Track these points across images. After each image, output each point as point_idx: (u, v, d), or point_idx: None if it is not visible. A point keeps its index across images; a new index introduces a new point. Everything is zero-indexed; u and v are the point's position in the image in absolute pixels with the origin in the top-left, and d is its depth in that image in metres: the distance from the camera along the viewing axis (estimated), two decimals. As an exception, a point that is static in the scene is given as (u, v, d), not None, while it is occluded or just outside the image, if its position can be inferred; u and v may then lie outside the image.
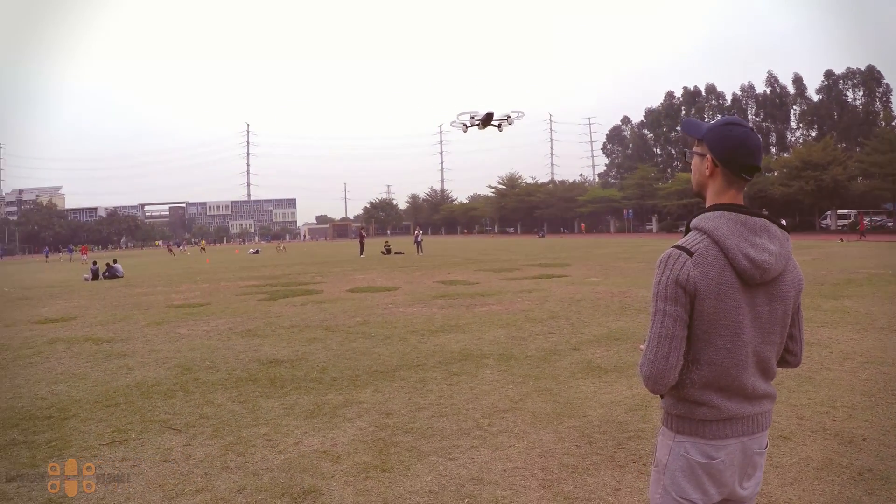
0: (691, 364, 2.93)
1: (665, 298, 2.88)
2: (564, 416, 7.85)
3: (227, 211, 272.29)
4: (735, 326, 2.87)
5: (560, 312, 15.91)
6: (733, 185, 3.01)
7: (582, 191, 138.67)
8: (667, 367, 2.87)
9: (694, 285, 2.83)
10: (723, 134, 3.00)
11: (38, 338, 16.77)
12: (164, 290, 29.69)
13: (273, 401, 9.37)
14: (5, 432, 8.66)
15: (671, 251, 2.95)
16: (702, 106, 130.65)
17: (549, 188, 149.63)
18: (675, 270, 2.88)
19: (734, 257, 2.83)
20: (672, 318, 2.86)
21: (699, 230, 2.96)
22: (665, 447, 3.05)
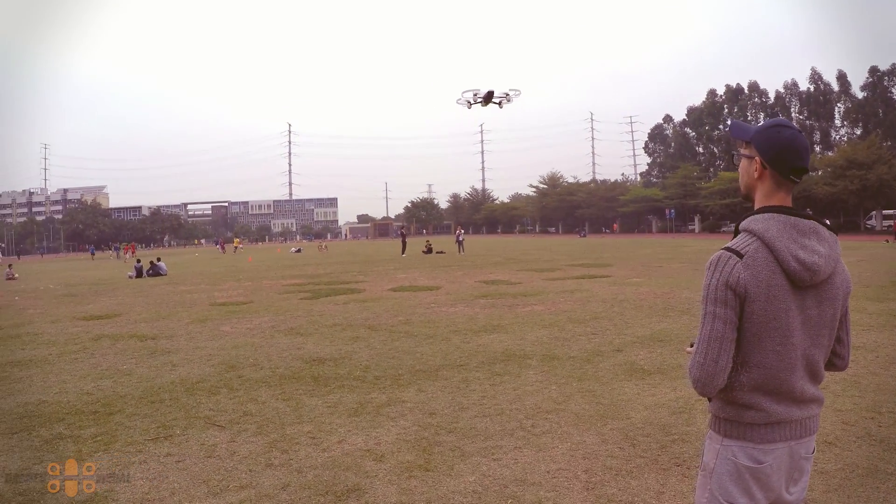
0: (740, 367, 2.91)
1: (715, 301, 2.87)
2: (608, 418, 7.82)
3: (269, 210, 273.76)
4: (784, 329, 2.86)
5: (603, 313, 15.86)
6: (782, 187, 3.00)
7: (623, 190, 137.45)
8: (716, 370, 2.85)
9: (744, 287, 2.82)
10: (771, 136, 2.99)
11: (83, 334, 16.99)
12: (207, 289, 29.93)
13: (316, 399, 9.43)
14: (52, 426, 8.81)
15: (721, 253, 2.93)
16: (744, 104, 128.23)
17: (591, 187, 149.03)
18: (726, 273, 2.86)
19: (784, 259, 2.82)
20: (722, 321, 2.85)
21: (749, 232, 2.95)
22: (712, 451, 3.03)
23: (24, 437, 8.48)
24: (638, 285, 21.94)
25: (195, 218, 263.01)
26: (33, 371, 12.62)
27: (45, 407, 9.85)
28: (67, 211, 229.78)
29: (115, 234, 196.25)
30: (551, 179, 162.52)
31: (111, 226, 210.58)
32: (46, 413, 9.51)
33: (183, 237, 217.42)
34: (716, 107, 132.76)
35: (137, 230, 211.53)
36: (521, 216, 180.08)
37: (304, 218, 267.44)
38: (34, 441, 8.26)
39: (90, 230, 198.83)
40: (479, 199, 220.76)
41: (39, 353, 14.56)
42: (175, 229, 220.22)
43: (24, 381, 11.76)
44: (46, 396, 10.53)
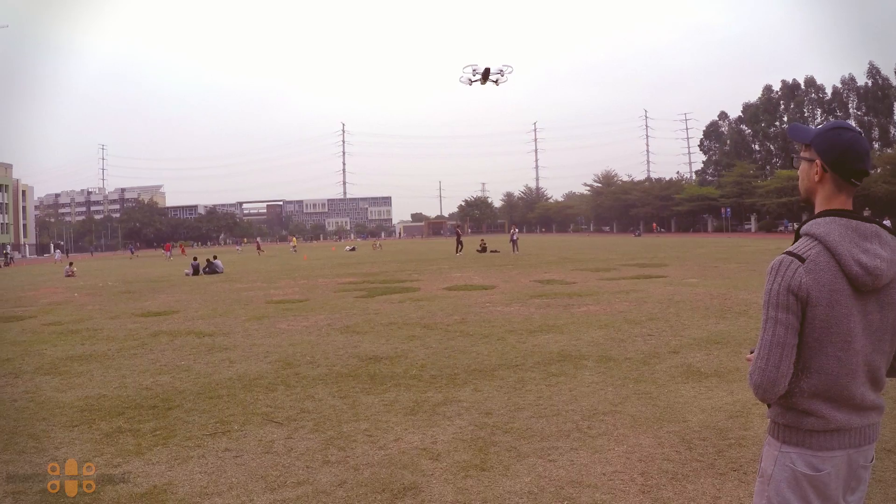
0: (801, 372, 2.88)
1: (777, 306, 2.84)
2: (664, 421, 7.77)
3: (324, 209, 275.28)
4: (846, 334, 2.82)
5: (659, 314, 15.75)
6: (843, 191, 2.96)
7: (679, 189, 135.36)
8: (777, 376, 2.83)
9: (806, 292, 2.79)
10: (831, 139, 2.96)
11: (141, 330, 17.25)
12: (263, 286, 30.22)
13: (373, 397, 9.49)
14: (112, 420, 8.97)
15: (783, 258, 2.90)
16: (801, 100, 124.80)
17: (646, 186, 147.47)
18: (787, 277, 2.84)
19: (846, 263, 2.79)
20: (783, 326, 2.83)
21: (810, 236, 2.92)
22: (770, 457, 3.00)
23: (85, 430, 8.65)
24: (694, 286, 21.74)
25: (250, 216, 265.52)
26: (93, 366, 12.84)
27: (105, 401, 10.04)
28: (125, 210, 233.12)
29: (171, 233, 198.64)
30: (606, 178, 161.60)
31: (167, 224, 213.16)
32: (106, 407, 9.69)
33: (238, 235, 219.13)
34: (772, 103, 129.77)
35: (193, 228, 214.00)
36: (576, 215, 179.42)
37: (359, 217, 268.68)
38: (94, 434, 8.43)
39: (147, 228, 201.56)
40: (533, 197, 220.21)
41: (99, 348, 14.80)
42: (230, 228, 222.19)
43: (85, 376, 11.98)
44: (106, 391, 10.73)
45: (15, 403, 10.29)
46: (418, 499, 5.96)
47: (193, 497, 6.25)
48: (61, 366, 13.02)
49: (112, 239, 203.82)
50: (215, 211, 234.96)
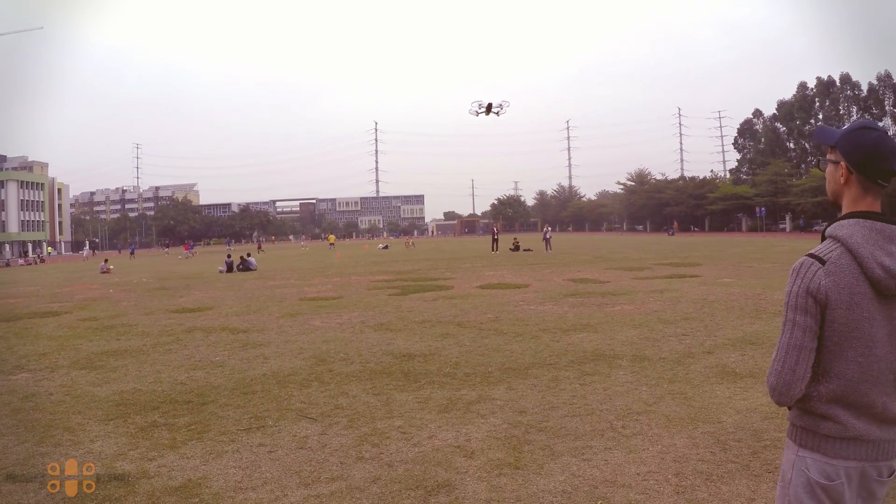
0: (821, 377, 2.86)
1: (795, 308, 2.83)
2: (699, 422, 7.71)
3: (357, 207, 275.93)
4: (867, 339, 2.79)
5: (693, 314, 15.65)
6: (870, 192, 2.93)
7: (713, 187, 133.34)
8: (794, 379, 2.82)
9: (825, 294, 2.77)
10: (856, 139, 2.92)
11: (176, 326, 17.38)
12: (296, 284, 30.37)
13: (407, 394, 9.51)
14: (147, 414, 9.07)
15: (804, 259, 2.89)
16: (836, 97, 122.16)
17: (679, 185, 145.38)
18: (807, 279, 2.83)
19: (868, 266, 2.76)
20: (802, 329, 2.81)
21: (833, 238, 2.90)
22: (788, 461, 2.99)
23: (120, 423, 8.76)
24: (728, 286, 21.60)
25: (283, 214, 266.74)
26: (128, 361, 12.97)
27: (140, 395, 10.15)
28: (159, 207, 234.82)
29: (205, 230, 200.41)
30: (639, 176, 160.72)
31: (201, 222, 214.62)
32: (141, 401, 9.80)
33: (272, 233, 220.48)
34: (807, 100, 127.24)
35: (227, 226, 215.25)
36: (609, 214, 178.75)
37: (391, 215, 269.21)
38: (130, 428, 8.52)
39: (181, 226, 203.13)
40: (566, 196, 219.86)
41: (134, 343, 14.94)
42: (264, 226, 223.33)
43: (120, 371, 12.11)
44: (141, 385, 10.84)
45: (51, 397, 10.43)
46: (452, 496, 5.96)
47: (228, 491, 6.31)
48: (97, 360, 13.16)
49: (147, 236, 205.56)
50: (248, 209, 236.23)
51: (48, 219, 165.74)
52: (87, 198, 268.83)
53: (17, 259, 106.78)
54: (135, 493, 6.37)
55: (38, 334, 17.43)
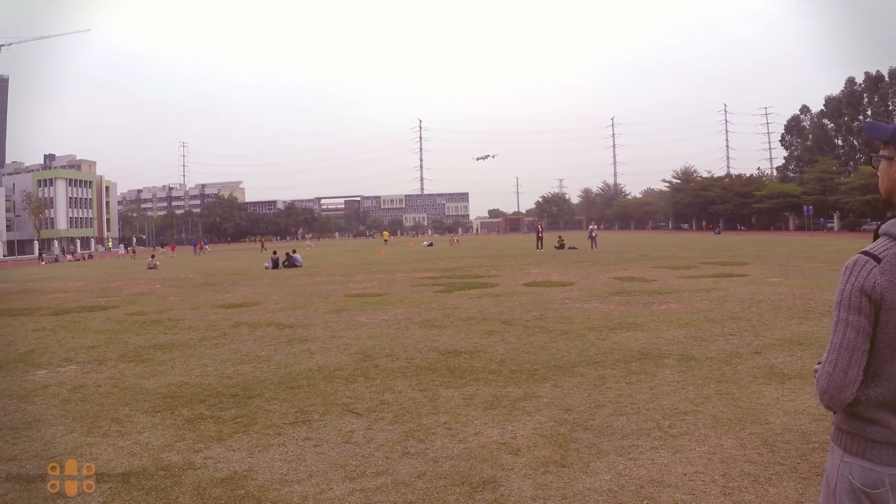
0: (870, 380, 2.75)
1: (848, 307, 2.71)
2: (746, 422, 7.62)
3: (401, 204, 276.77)
4: None
5: (740, 313, 15.48)
6: None
7: (759, 185, 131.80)
8: (845, 382, 2.71)
9: (880, 294, 2.66)
10: None
11: (222, 321, 17.53)
12: (341, 280, 30.53)
13: (452, 390, 9.52)
14: (193, 407, 9.18)
15: (857, 257, 2.78)
16: (885, 92, 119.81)
17: (725, 182, 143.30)
18: (861, 278, 2.71)
19: None
20: (854, 329, 2.70)
21: (888, 236, 2.78)
22: (833, 466, 2.88)
23: (167, 415, 8.88)
24: (776, 285, 21.34)
25: (328, 212, 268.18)
26: (175, 354, 13.13)
27: (187, 388, 10.28)
28: (205, 205, 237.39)
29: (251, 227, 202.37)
30: (685, 174, 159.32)
31: (247, 219, 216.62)
32: (188, 394, 9.93)
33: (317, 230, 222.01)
34: (855, 96, 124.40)
35: (272, 223, 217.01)
36: (654, 212, 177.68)
37: (436, 212, 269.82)
38: (176, 420, 8.64)
39: (227, 223, 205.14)
40: (611, 193, 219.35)
41: (181, 337, 15.10)
42: (309, 223, 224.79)
43: (167, 364, 12.27)
44: (188, 378, 10.98)
45: (99, 389, 10.59)
46: (497, 493, 5.95)
47: (273, 484, 6.36)
48: (144, 354, 13.33)
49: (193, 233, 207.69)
50: (294, 206, 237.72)
51: (96, 216, 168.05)
52: (135, 195, 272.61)
53: (65, 255, 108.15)
54: (181, 483, 6.46)
55: (86, 328, 17.67)
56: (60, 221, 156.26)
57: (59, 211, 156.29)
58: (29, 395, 10.44)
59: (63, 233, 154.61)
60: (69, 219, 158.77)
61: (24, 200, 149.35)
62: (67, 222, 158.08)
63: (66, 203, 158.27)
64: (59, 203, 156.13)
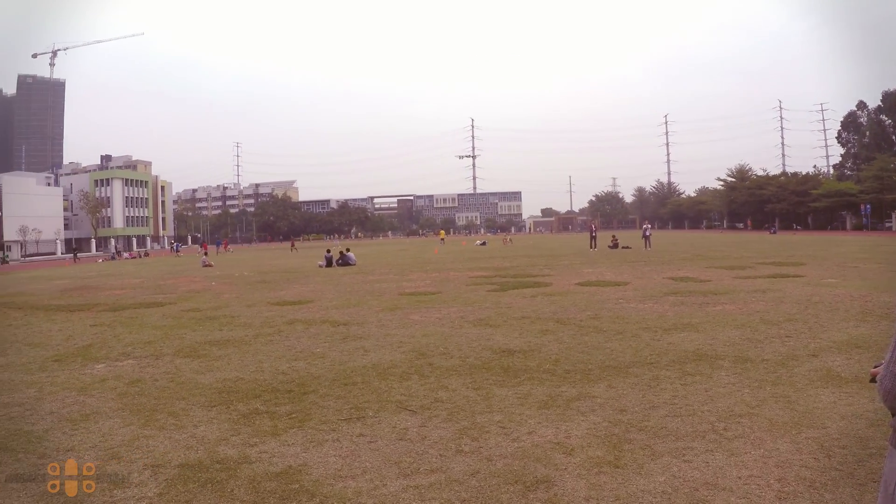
0: None
1: None
2: (802, 426, 7.53)
3: (454, 203, 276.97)
4: None
5: (797, 315, 15.29)
6: None
7: (815, 184, 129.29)
8: None
9: None
10: None
11: (277, 318, 17.69)
12: (395, 279, 30.62)
13: (506, 389, 9.53)
14: (249, 402, 9.32)
15: None
16: None
17: (781, 181, 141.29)
18: None
19: None
20: None
21: None
22: (892, 471, 2.75)
23: (223, 410, 9.02)
24: (833, 286, 21.03)
25: (381, 211, 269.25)
26: (230, 350, 13.29)
27: (242, 384, 10.42)
28: (259, 204, 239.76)
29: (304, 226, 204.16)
30: (740, 172, 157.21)
31: (300, 218, 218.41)
32: (243, 389, 10.07)
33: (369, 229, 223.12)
34: None
35: (325, 222, 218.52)
36: (708, 211, 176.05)
37: (488, 211, 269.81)
38: (232, 415, 8.77)
39: (280, 222, 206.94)
40: (665, 192, 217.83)
41: (236, 334, 15.26)
42: (362, 222, 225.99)
43: (223, 360, 12.44)
44: (243, 374, 11.13)
45: (156, 383, 10.79)
46: (551, 492, 5.96)
47: (327, 479, 6.43)
48: (200, 349, 13.52)
49: (247, 232, 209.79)
50: (347, 205, 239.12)
51: (152, 215, 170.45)
52: (190, 195, 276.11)
53: (122, 253, 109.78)
54: (236, 477, 6.56)
55: (143, 323, 17.95)
56: (117, 220, 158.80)
57: (116, 210, 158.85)
58: (87, 388, 10.67)
59: (119, 231, 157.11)
60: (125, 217, 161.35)
61: (81, 200, 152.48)
62: (124, 221, 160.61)
63: (123, 202, 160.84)
64: (115, 202, 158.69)
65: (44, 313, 21.80)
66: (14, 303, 26.20)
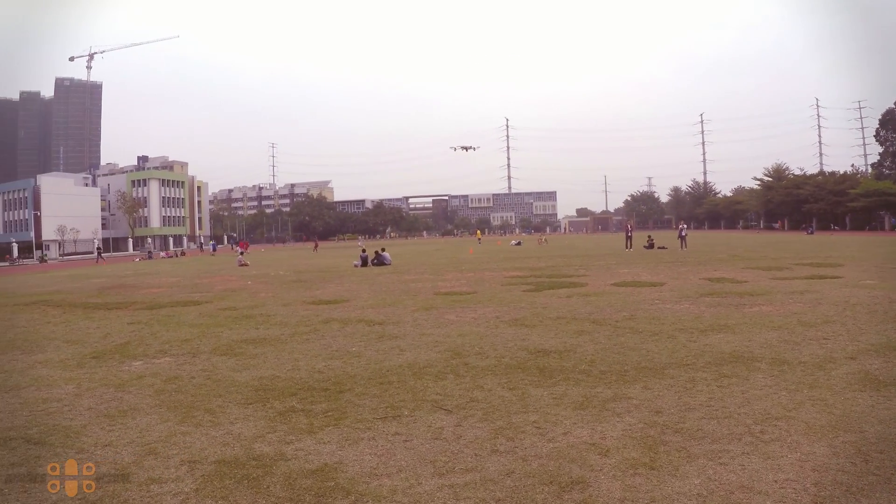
0: None
1: None
2: (840, 430, 7.46)
3: (489, 203, 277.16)
4: None
5: (835, 317, 15.13)
6: None
7: (854, 183, 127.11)
8: None
9: None
10: None
11: (313, 317, 17.81)
12: (430, 278, 30.66)
13: (542, 389, 9.54)
14: (285, 400, 9.42)
15: None
16: None
17: (818, 180, 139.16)
18: None
19: None
20: None
21: None
22: None
23: (259, 407, 9.13)
24: (872, 288, 20.79)
25: (416, 211, 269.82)
26: (267, 349, 13.41)
27: (279, 382, 10.53)
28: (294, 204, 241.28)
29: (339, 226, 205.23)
30: (776, 172, 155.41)
31: (336, 218, 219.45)
32: (280, 387, 10.17)
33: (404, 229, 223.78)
34: None
35: (360, 222, 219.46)
36: (745, 211, 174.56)
37: (523, 211, 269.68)
38: (268, 412, 8.88)
39: (316, 221, 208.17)
40: (701, 192, 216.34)
41: (272, 332, 15.39)
42: (397, 221, 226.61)
43: (259, 358, 12.57)
44: (280, 372, 11.23)
45: (193, 380, 10.92)
46: (586, 493, 5.97)
47: (363, 477, 6.50)
48: (236, 348, 13.65)
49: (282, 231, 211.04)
50: (382, 205, 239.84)
51: (188, 214, 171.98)
52: (226, 195, 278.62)
53: (159, 252, 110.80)
54: (272, 473, 6.65)
55: (180, 322, 18.13)
56: (153, 220, 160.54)
57: (153, 210, 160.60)
58: (125, 384, 10.83)
59: (156, 230, 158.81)
60: (162, 217, 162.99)
61: (118, 200, 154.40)
62: (160, 220, 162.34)
63: (159, 202, 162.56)
64: (152, 202, 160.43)
65: (82, 311, 22.08)
66: (52, 301, 26.55)
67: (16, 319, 20.51)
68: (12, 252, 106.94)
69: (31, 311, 22.88)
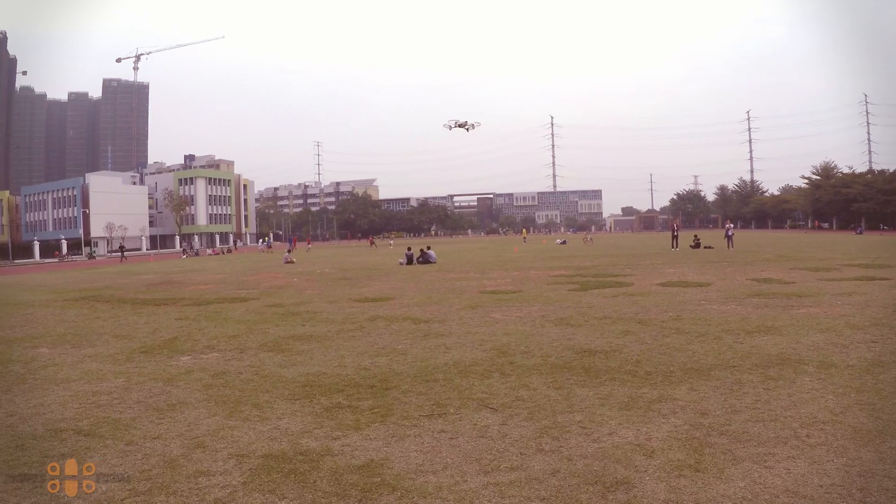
0: None
1: None
2: (887, 435, 7.37)
3: (534, 202, 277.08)
4: None
5: (883, 320, 14.95)
6: None
7: None
8: None
9: None
10: None
11: (359, 314, 17.90)
12: (475, 277, 30.74)
13: (587, 389, 9.55)
14: (331, 396, 9.53)
15: None
16: None
17: (868, 179, 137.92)
18: None
19: None
20: None
21: None
22: None
23: (306, 403, 9.25)
24: (922, 290, 20.57)
25: (461, 209, 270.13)
26: (313, 345, 13.54)
27: (325, 378, 10.64)
28: (339, 202, 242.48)
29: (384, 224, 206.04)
30: (825, 170, 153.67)
31: (381, 216, 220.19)
32: (326, 384, 10.28)
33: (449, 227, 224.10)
34: None
35: (405, 220, 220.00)
36: (792, 210, 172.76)
37: (568, 210, 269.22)
38: (315, 408, 8.99)
39: (361, 220, 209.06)
40: (748, 191, 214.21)
41: (319, 329, 15.50)
42: (442, 220, 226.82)
43: (306, 354, 12.70)
44: (326, 369, 11.35)
45: (240, 376, 11.07)
46: (630, 494, 5.98)
47: (409, 473, 6.56)
48: (283, 344, 13.79)
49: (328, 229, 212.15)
50: (427, 203, 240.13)
51: (234, 212, 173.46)
52: (272, 193, 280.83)
53: (205, 249, 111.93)
54: (319, 468, 6.74)
55: (227, 318, 18.33)
56: (200, 217, 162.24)
57: (199, 208, 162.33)
58: (173, 379, 11.01)
59: (203, 228, 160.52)
60: (209, 215, 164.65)
61: (165, 198, 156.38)
62: (207, 218, 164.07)
63: (206, 200, 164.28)
64: (198, 200, 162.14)
65: (130, 307, 22.43)
66: (102, 296, 26.98)
67: (65, 314, 20.86)
68: (61, 249, 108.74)
69: (81, 306, 23.32)
